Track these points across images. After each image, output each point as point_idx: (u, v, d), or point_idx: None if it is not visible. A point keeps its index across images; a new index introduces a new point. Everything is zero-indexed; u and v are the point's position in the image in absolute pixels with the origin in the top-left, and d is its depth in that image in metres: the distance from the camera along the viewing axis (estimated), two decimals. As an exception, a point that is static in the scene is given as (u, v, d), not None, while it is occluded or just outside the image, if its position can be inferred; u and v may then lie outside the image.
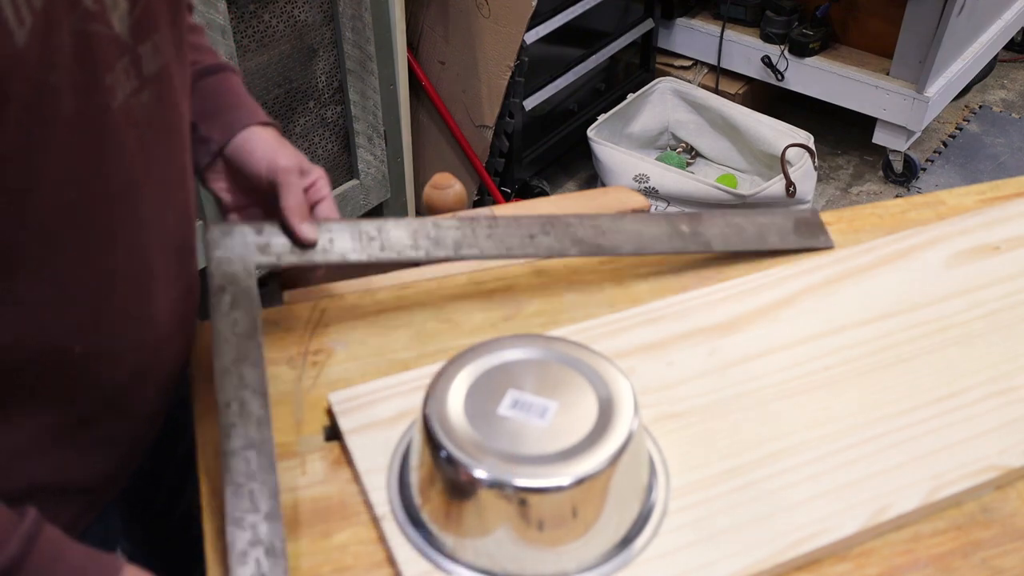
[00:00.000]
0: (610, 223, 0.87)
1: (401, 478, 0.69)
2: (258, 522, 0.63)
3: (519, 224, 0.84)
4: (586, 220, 0.87)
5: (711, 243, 0.89)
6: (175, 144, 0.72)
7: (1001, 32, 2.73)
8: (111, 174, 0.64)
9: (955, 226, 0.96)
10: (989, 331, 0.84)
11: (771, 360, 0.80)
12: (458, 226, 0.83)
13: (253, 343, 0.71)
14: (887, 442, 0.74)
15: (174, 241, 0.74)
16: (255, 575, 0.60)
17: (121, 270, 0.68)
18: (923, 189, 2.60)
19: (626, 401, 0.66)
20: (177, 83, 0.70)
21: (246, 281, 0.74)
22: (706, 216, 0.92)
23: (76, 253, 0.64)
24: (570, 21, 2.27)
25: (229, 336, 0.71)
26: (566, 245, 0.85)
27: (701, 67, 2.75)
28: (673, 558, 0.65)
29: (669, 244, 0.88)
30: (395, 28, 1.89)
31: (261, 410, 0.68)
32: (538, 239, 0.84)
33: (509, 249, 0.83)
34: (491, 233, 0.83)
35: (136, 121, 0.65)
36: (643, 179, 2.27)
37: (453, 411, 0.65)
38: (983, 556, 0.68)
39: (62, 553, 0.61)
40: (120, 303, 0.69)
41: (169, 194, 0.72)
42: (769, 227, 0.92)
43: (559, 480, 0.62)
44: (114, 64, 0.61)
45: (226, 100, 0.82)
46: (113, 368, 0.71)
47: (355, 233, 0.80)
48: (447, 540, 0.65)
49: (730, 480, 0.70)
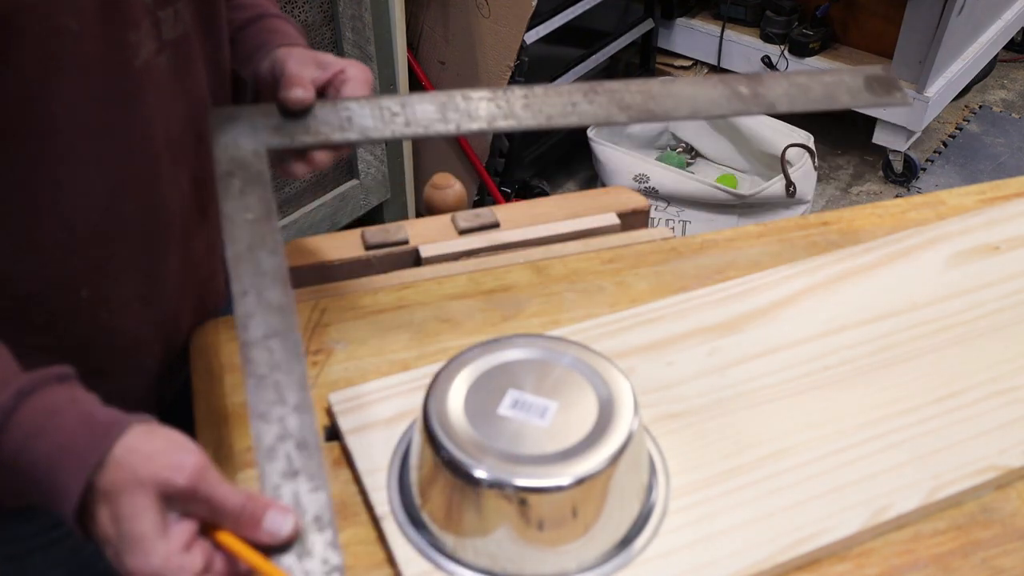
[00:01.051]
0: (660, 87, 0.80)
1: (401, 478, 0.69)
2: (286, 415, 0.57)
3: (559, 92, 0.77)
4: (633, 85, 0.79)
5: (775, 103, 0.82)
6: (190, 109, 0.73)
7: (1001, 32, 2.73)
8: (127, 128, 0.65)
9: (955, 226, 0.96)
10: (989, 331, 0.84)
11: (771, 360, 0.80)
12: (491, 97, 0.76)
13: (268, 227, 0.65)
14: (887, 442, 0.74)
15: (186, 201, 0.75)
16: (286, 471, 0.55)
17: (130, 220, 0.69)
18: (923, 189, 2.60)
19: (626, 401, 0.66)
20: (197, 52, 0.72)
21: (256, 165, 0.68)
22: (767, 77, 0.84)
23: (86, 199, 0.65)
24: (570, 21, 2.27)
25: (241, 221, 0.65)
26: (612, 112, 0.77)
27: (701, 67, 2.75)
28: (673, 558, 0.65)
29: (728, 107, 0.81)
30: (395, 28, 1.89)
31: (282, 297, 0.62)
32: (581, 107, 0.76)
33: (549, 118, 0.76)
34: (528, 103, 0.76)
35: (154, 80, 0.67)
36: (643, 179, 2.27)
37: (453, 411, 0.65)
38: (983, 556, 0.68)
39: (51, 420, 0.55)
40: (128, 254, 0.71)
41: (183, 156, 0.73)
42: (837, 85, 0.85)
43: (559, 480, 0.62)
44: (140, 23, 0.63)
45: (258, 40, 0.80)
46: (122, 318, 0.72)
47: (375, 110, 0.74)
48: (447, 540, 0.65)
49: (730, 480, 0.70)
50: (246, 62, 0.79)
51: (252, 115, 0.72)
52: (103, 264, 0.70)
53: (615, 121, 0.78)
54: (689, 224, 2.28)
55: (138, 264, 0.72)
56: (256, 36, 0.80)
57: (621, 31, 2.51)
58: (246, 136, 0.70)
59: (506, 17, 2.07)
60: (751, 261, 0.92)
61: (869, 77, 0.86)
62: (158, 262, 0.75)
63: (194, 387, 0.79)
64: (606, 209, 1.02)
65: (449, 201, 1.07)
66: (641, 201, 1.04)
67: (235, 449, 0.74)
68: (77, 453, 0.54)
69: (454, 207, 1.06)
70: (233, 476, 0.72)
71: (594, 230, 0.99)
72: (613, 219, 1.00)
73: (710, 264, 0.92)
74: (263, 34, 0.80)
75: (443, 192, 1.08)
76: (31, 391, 0.55)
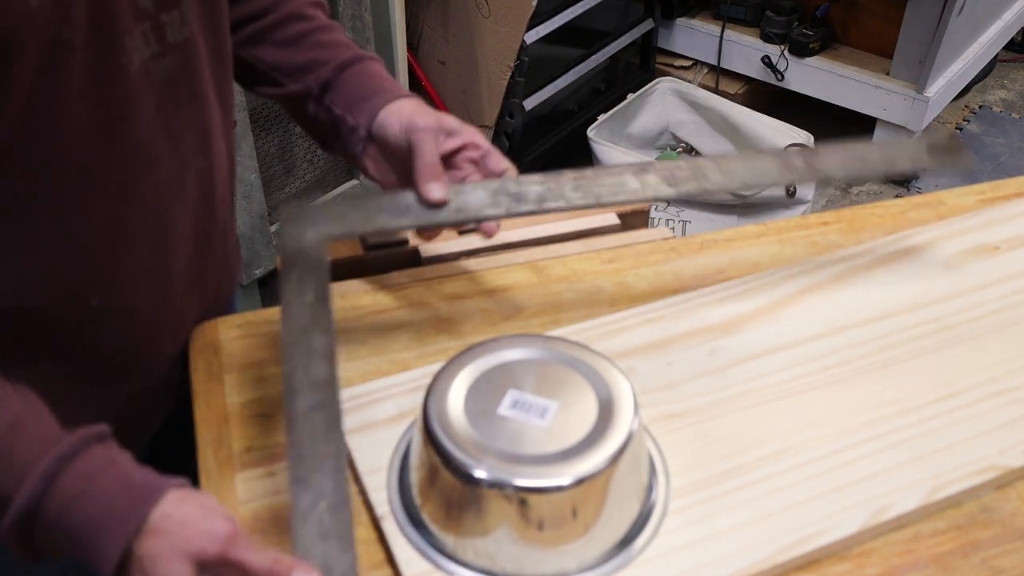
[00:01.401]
0: (710, 163, 0.81)
1: (401, 478, 0.69)
2: (323, 481, 0.59)
3: (609, 173, 0.79)
4: (683, 162, 0.81)
5: (830, 173, 0.84)
6: (197, 109, 0.73)
7: (1001, 32, 2.73)
8: (127, 133, 0.65)
9: (955, 226, 0.96)
10: (989, 331, 0.84)
11: (771, 360, 0.80)
12: (541, 181, 0.78)
13: (323, 308, 0.68)
14: (887, 442, 0.74)
15: (193, 204, 0.75)
16: (318, 533, 0.57)
17: (137, 227, 0.70)
18: (923, 189, 2.60)
19: (626, 401, 0.66)
20: (204, 52, 0.72)
21: (316, 253, 0.71)
22: (821, 149, 0.85)
23: (92, 209, 0.66)
24: (570, 21, 2.27)
25: (298, 304, 0.68)
26: (662, 190, 0.79)
27: (701, 67, 2.75)
28: (673, 558, 0.65)
29: (780, 176, 0.83)
30: (395, 28, 1.89)
31: (328, 373, 0.64)
32: (629, 185, 0.78)
33: (599, 198, 0.77)
34: (577, 184, 0.78)
35: (156, 85, 0.66)
36: (643, 179, 2.27)
37: (453, 411, 0.65)
38: (983, 556, 0.68)
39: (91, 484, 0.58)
40: (136, 259, 0.71)
41: (189, 157, 0.73)
42: (897, 153, 0.86)
43: (559, 480, 0.62)
44: (133, 28, 0.63)
45: (368, 87, 0.82)
46: (130, 322, 0.73)
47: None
48: (447, 540, 0.65)
49: (730, 480, 0.70)
50: (349, 110, 0.81)
51: (316, 211, 0.75)
52: (112, 272, 0.70)
53: (663, 197, 0.79)
54: (689, 224, 2.28)
55: (147, 270, 0.72)
56: (357, 85, 0.82)
57: (621, 31, 2.51)
58: (311, 228, 0.73)
59: (506, 17, 2.07)
60: (751, 261, 0.92)
61: (933, 144, 0.87)
62: (167, 266, 0.75)
63: (194, 387, 0.79)
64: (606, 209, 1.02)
65: (449, 201, 1.07)
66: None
67: (235, 449, 0.74)
68: (117, 518, 0.56)
69: (454, 207, 1.06)
70: (232, 476, 0.72)
71: (594, 230, 0.99)
72: (613, 219, 1.00)
73: (710, 264, 0.92)
74: (364, 82, 0.82)
75: (443, 192, 1.08)
76: (72, 455, 0.58)
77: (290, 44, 0.84)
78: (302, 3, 0.86)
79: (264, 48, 0.84)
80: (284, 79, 0.84)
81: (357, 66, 0.83)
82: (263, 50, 0.84)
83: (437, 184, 0.75)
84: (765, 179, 0.82)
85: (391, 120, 0.79)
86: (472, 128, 0.81)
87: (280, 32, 0.84)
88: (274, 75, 0.84)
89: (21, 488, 0.56)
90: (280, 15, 0.84)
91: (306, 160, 1.89)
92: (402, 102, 0.80)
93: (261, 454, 0.74)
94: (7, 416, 0.58)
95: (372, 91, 0.81)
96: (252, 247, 1.78)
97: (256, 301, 1.87)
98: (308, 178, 1.91)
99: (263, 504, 0.70)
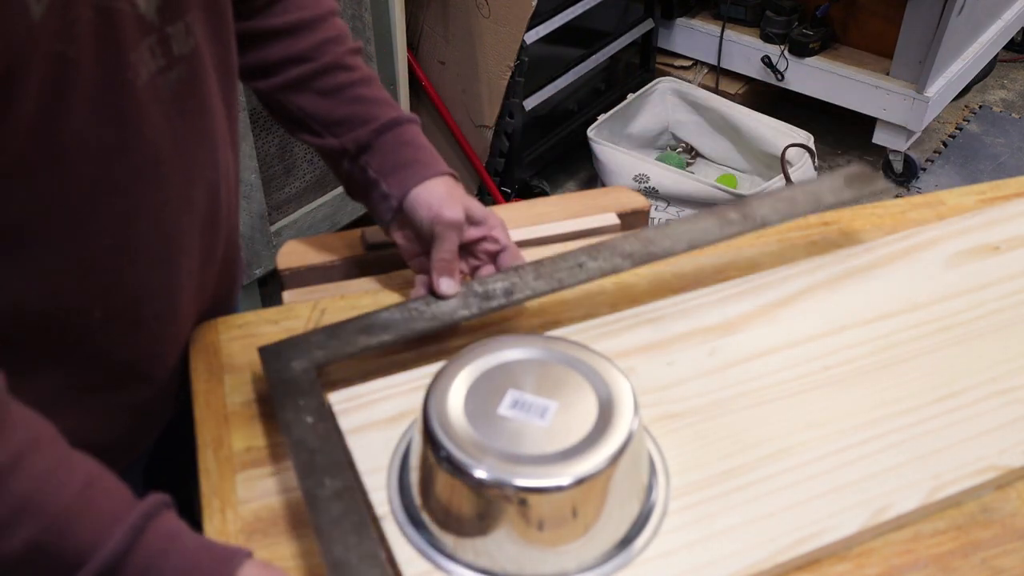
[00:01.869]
0: (655, 232, 0.87)
1: (401, 478, 0.69)
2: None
3: (564, 258, 0.85)
4: (630, 236, 0.87)
5: (766, 219, 0.88)
6: (205, 123, 0.73)
7: (1001, 32, 2.73)
8: (134, 149, 0.65)
9: (955, 226, 0.96)
10: (989, 331, 0.84)
11: (771, 360, 0.80)
12: (504, 277, 0.83)
13: (325, 427, 0.71)
14: (887, 442, 0.74)
15: (200, 217, 0.75)
16: None
17: (144, 242, 0.69)
18: (923, 189, 2.60)
19: (626, 401, 0.66)
20: (210, 64, 0.71)
21: (306, 382, 0.74)
22: (752, 199, 0.91)
23: (99, 224, 0.65)
24: (570, 21, 2.27)
25: (300, 428, 0.70)
26: (617, 262, 0.85)
27: (701, 67, 2.75)
28: (673, 558, 0.65)
29: (722, 232, 0.87)
30: (395, 28, 1.89)
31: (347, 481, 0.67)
32: (587, 265, 0.84)
33: (561, 281, 0.83)
34: (538, 273, 0.83)
35: (162, 98, 0.66)
36: (643, 179, 2.27)
37: (453, 411, 0.65)
38: (983, 556, 0.68)
39: (173, 544, 0.59)
40: (142, 273, 0.71)
41: (197, 171, 0.73)
42: (820, 190, 0.91)
43: (559, 480, 0.62)
44: (139, 42, 0.63)
45: (404, 155, 0.84)
46: (134, 334, 0.73)
47: (404, 311, 0.81)
48: (447, 540, 0.65)
49: (730, 480, 0.70)
50: (384, 176, 0.83)
51: (297, 343, 0.78)
52: (117, 285, 0.69)
53: (621, 270, 0.85)
54: (689, 224, 2.28)
55: (153, 284, 0.72)
56: (394, 152, 0.84)
57: (621, 31, 2.51)
58: (295, 360, 0.76)
59: (506, 17, 2.07)
60: (751, 261, 0.93)
61: (849, 175, 0.93)
62: (173, 280, 0.74)
63: (194, 387, 0.79)
64: (606, 209, 1.02)
65: (449, 201, 1.07)
66: (641, 201, 1.04)
67: (235, 449, 0.74)
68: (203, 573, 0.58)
69: (454, 207, 1.06)
70: (232, 477, 0.72)
71: (594, 230, 0.99)
72: (613, 219, 1.00)
73: (710, 264, 0.92)
74: (401, 150, 0.84)
75: (443, 192, 1.08)
76: (155, 514, 0.59)
77: (330, 95, 0.85)
78: (343, 51, 0.86)
79: (305, 96, 0.85)
80: (322, 130, 0.85)
81: (395, 131, 0.84)
82: (303, 98, 0.85)
83: (449, 280, 0.81)
84: (708, 237, 0.87)
85: (421, 203, 0.81)
86: (497, 218, 0.85)
87: (321, 81, 0.84)
88: (312, 124, 0.85)
89: (107, 540, 0.56)
90: (323, 63, 0.84)
91: (306, 160, 1.89)
92: (435, 183, 0.83)
93: (261, 454, 0.74)
94: (81, 474, 0.58)
95: (407, 161, 0.83)
96: (252, 247, 1.78)
97: (256, 301, 1.87)
98: (308, 178, 1.91)
99: (263, 504, 0.70)
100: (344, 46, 0.86)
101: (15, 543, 0.54)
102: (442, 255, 0.81)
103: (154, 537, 0.58)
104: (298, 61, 0.84)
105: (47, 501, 0.55)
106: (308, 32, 0.85)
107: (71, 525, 0.56)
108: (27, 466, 0.55)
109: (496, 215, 0.85)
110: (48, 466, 0.56)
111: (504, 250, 0.84)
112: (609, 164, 2.33)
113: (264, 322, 0.85)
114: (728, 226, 0.88)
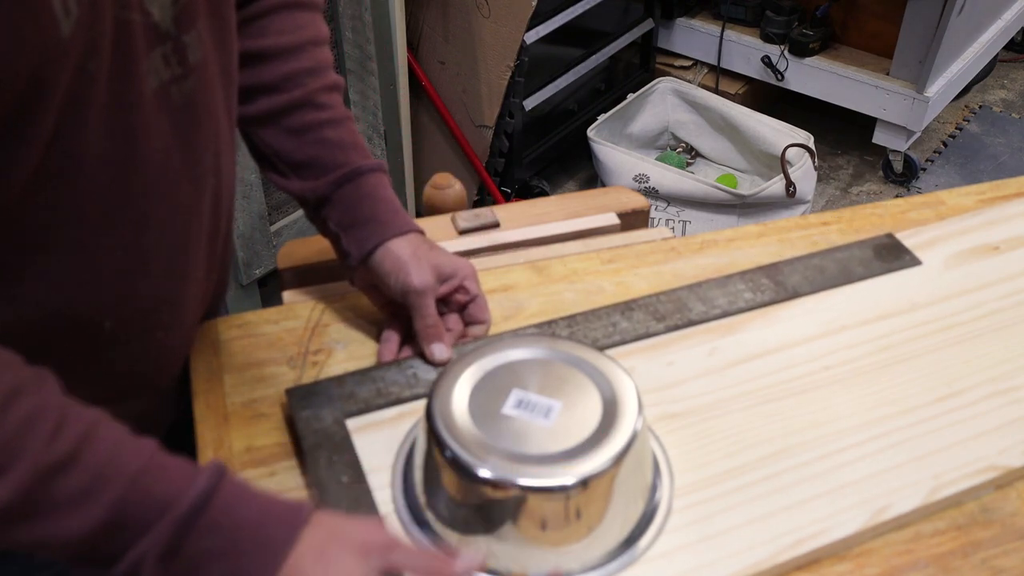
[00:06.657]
0: (688, 293, 0.87)
1: (405, 477, 0.69)
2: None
3: (597, 316, 0.84)
4: (663, 296, 0.86)
5: (797, 288, 0.88)
6: (210, 130, 0.72)
7: (1001, 32, 2.73)
8: (145, 159, 0.65)
9: (955, 226, 0.96)
10: (989, 331, 0.84)
11: (771, 360, 0.81)
12: (537, 334, 0.82)
13: (362, 488, 0.69)
14: (887, 442, 0.74)
15: (207, 226, 0.75)
16: None
17: (155, 252, 0.69)
18: (923, 189, 2.60)
19: (630, 400, 0.66)
20: (213, 71, 0.71)
21: (339, 433, 0.73)
22: (783, 266, 0.90)
23: (112, 235, 0.65)
24: (570, 21, 2.27)
25: (335, 488, 0.69)
26: (650, 324, 0.84)
27: (701, 67, 2.75)
28: (675, 557, 0.65)
29: (756, 299, 0.87)
30: (395, 28, 1.89)
31: None
32: (620, 325, 0.83)
33: (595, 342, 0.82)
34: (571, 333, 0.82)
35: (172, 108, 0.66)
36: (643, 179, 2.27)
37: (457, 410, 0.65)
38: (983, 556, 0.68)
39: (245, 495, 0.60)
40: (153, 284, 0.71)
41: (204, 180, 0.73)
42: (850, 260, 0.91)
43: (563, 480, 0.62)
44: (150, 51, 0.62)
45: (362, 211, 0.81)
46: (142, 345, 0.72)
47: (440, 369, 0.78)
48: (451, 539, 0.65)
49: (730, 480, 0.71)
50: (343, 230, 0.81)
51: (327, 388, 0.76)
52: (128, 296, 0.69)
53: (653, 333, 0.83)
54: (689, 224, 2.28)
55: (161, 293, 0.72)
56: (353, 207, 0.81)
57: (621, 31, 2.51)
58: (326, 409, 0.75)
59: (506, 17, 2.07)
60: (751, 261, 0.93)
61: (878, 247, 0.93)
62: (181, 288, 0.74)
63: (194, 387, 0.79)
64: (606, 209, 1.02)
65: (449, 201, 1.07)
66: (641, 201, 1.04)
67: (235, 449, 0.74)
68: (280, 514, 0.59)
69: (454, 207, 1.06)
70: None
71: (594, 230, 0.99)
72: (613, 219, 1.00)
73: (710, 264, 0.93)
74: (360, 204, 0.81)
75: (443, 192, 1.08)
76: (224, 470, 0.59)
77: (296, 134, 0.81)
78: (318, 86, 0.82)
79: (271, 131, 0.82)
80: (287, 170, 0.83)
81: (356, 182, 0.81)
82: (270, 133, 0.82)
83: (441, 345, 0.79)
84: (742, 303, 0.86)
85: (388, 268, 0.79)
86: (469, 266, 0.82)
87: (290, 118, 0.81)
88: (277, 164, 0.83)
89: (189, 488, 0.57)
90: (294, 97, 0.81)
91: (306, 160, 1.88)
92: (397, 244, 0.80)
93: (261, 454, 0.74)
94: (147, 441, 0.59)
95: (365, 218, 0.81)
96: (252, 247, 1.78)
97: (256, 301, 1.87)
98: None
99: (266, 503, 0.70)
100: (320, 80, 0.82)
101: (96, 511, 0.55)
102: (425, 323, 0.79)
103: (230, 485, 0.59)
104: (266, 91, 0.81)
105: (125, 463, 0.57)
106: (281, 60, 0.81)
107: (153, 479, 0.57)
108: (97, 440, 0.57)
109: (468, 263, 0.83)
110: (117, 437, 0.58)
111: (474, 300, 0.82)
112: (609, 164, 2.33)
113: (264, 322, 0.85)
114: (760, 293, 0.87)
